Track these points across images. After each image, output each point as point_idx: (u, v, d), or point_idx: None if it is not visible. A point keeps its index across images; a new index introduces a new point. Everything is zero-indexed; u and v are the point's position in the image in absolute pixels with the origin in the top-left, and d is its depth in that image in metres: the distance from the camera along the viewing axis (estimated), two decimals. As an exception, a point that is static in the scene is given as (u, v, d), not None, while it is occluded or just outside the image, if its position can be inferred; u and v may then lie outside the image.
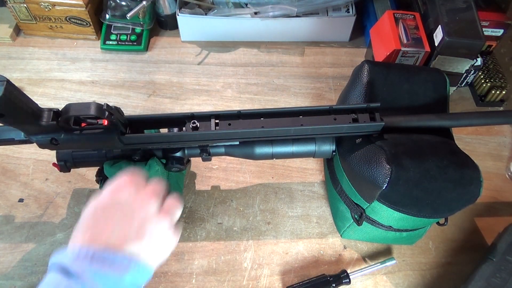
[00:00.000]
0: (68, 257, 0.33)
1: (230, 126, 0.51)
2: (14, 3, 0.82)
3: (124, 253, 0.33)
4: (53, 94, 0.80)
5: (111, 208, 0.36)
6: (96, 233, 0.34)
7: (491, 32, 0.82)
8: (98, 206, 0.37)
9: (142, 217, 0.36)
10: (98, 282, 0.31)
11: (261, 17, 0.86)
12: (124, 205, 0.36)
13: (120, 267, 0.32)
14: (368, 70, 0.59)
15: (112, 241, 0.33)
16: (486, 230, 0.68)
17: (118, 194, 0.37)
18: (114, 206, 0.36)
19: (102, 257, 0.32)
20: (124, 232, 0.34)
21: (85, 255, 0.32)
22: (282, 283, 0.62)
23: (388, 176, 0.49)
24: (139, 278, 0.34)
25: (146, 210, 0.36)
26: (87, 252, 0.32)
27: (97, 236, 0.34)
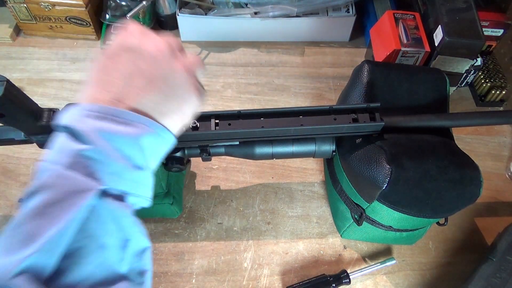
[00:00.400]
0: (75, 116, 0.27)
1: (230, 126, 0.51)
2: (14, 3, 0.82)
3: (138, 109, 0.28)
4: (53, 94, 0.80)
5: (119, 56, 0.30)
6: (105, 87, 0.29)
7: (491, 32, 0.82)
8: (106, 54, 0.31)
9: (154, 64, 0.29)
10: (112, 143, 0.26)
11: (261, 17, 0.86)
12: (134, 52, 0.30)
13: (135, 126, 0.27)
14: (368, 70, 0.59)
15: (123, 96, 0.28)
16: (486, 230, 0.68)
17: (126, 40, 0.31)
18: (122, 53, 0.30)
19: (114, 114, 0.27)
20: (136, 84, 0.28)
21: (94, 113, 0.27)
22: (282, 283, 0.62)
23: (388, 176, 0.49)
24: (158, 140, 0.29)
25: (159, 56, 0.30)
26: (96, 109, 0.27)
27: (106, 90, 0.28)
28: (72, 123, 0.27)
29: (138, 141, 0.27)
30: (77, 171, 0.25)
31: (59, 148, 0.27)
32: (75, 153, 0.26)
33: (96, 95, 0.28)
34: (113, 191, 0.27)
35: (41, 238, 0.23)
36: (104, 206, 0.26)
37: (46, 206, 0.24)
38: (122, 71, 0.28)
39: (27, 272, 0.22)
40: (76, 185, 0.25)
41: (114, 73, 0.29)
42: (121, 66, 0.29)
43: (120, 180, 0.27)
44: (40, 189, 0.25)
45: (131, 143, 0.27)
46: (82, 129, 0.26)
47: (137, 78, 0.28)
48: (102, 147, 0.26)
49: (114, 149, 0.26)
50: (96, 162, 0.26)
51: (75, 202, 0.24)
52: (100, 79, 0.29)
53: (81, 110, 0.27)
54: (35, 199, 0.25)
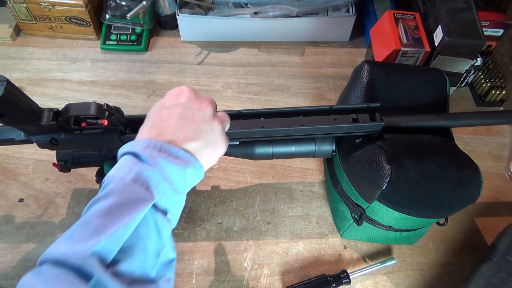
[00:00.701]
0: (139, 146, 0.35)
1: (230, 126, 0.51)
2: (14, 3, 0.82)
3: (186, 149, 0.37)
4: (53, 94, 0.80)
5: (174, 108, 0.39)
6: (162, 130, 0.37)
7: (491, 32, 0.82)
8: (163, 106, 0.40)
9: (200, 119, 0.38)
10: (165, 169, 0.34)
11: (261, 17, 0.86)
12: (185, 107, 0.39)
13: (183, 160, 0.36)
14: (368, 70, 0.59)
15: (175, 138, 0.36)
16: (486, 230, 0.68)
17: (179, 97, 0.40)
18: (176, 106, 0.39)
19: (169, 149, 0.35)
20: (185, 131, 0.37)
21: (154, 146, 0.35)
22: (282, 283, 0.62)
23: (388, 176, 0.49)
24: (195, 175, 0.37)
25: (204, 114, 0.39)
26: (156, 143, 0.35)
27: (163, 132, 0.37)
28: (137, 150, 0.35)
29: (184, 172, 0.35)
30: (138, 185, 0.33)
31: (125, 166, 0.35)
32: (138, 171, 0.33)
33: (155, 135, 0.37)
34: (160, 206, 0.34)
35: (109, 231, 0.30)
36: (153, 216, 0.33)
37: (113, 208, 0.31)
38: (176, 120, 0.37)
39: (97, 255, 0.29)
40: (137, 195, 0.32)
41: (170, 121, 0.37)
42: (175, 116, 0.38)
43: (166, 199, 0.34)
44: (107, 195, 0.32)
45: (179, 172, 0.35)
46: (145, 154, 0.34)
47: (187, 128, 0.37)
48: (159, 170, 0.34)
49: (166, 174, 0.34)
50: (152, 181, 0.33)
51: (135, 208, 0.31)
52: (159, 123, 0.38)
53: (144, 142, 0.36)
54: (104, 202, 0.32)
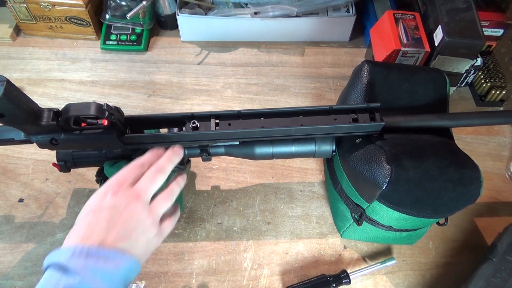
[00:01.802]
0: (64, 255, 0.34)
1: (230, 126, 0.51)
2: (14, 3, 0.82)
3: (116, 249, 0.36)
4: (53, 94, 0.80)
5: (100, 211, 0.39)
6: (89, 233, 0.36)
7: (491, 32, 0.82)
8: (88, 210, 0.40)
9: (127, 217, 0.38)
10: (95, 276, 0.33)
11: (261, 17, 0.86)
12: (111, 208, 0.39)
13: (114, 262, 0.35)
14: (368, 70, 0.59)
15: (104, 240, 0.36)
16: (486, 230, 0.68)
17: (104, 198, 0.40)
18: (102, 209, 0.39)
19: (97, 254, 0.34)
20: (114, 232, 0.37)
21: (80, 253, 0.34)
22: (282, 283, 0.62)
23: (388, 176, 0.49)
24: (131, 272, 0.37)
25: (131, 211, 0.39)
26: (82, 249, 0.34)
27: (90, 235, 0.36)
28: (62, 260, 0.34)
29: (118, 273, 0.35)
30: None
31: (49, 284, 0.33)
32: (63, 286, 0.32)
33: (82, 239, 0.36)
34: None
35: None
36: None
37: None
38: (104, 223, 0.37)
39: None
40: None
41: (97, 225, 0.37)
42: (102, 219, 0.37)
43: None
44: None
45: (111, 275, 0.34)
46: (71, 264, 0.33)
47: (115, 228, 0.37)
48: (88, 279, 0.32)
49: (96, 281, 0.33)
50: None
51: None
52: (85, 228, 0.37)
53: (69, 251, 0.34)
54: None
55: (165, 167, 0.44)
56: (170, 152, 0.46)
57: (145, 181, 0.42)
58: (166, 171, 0.44)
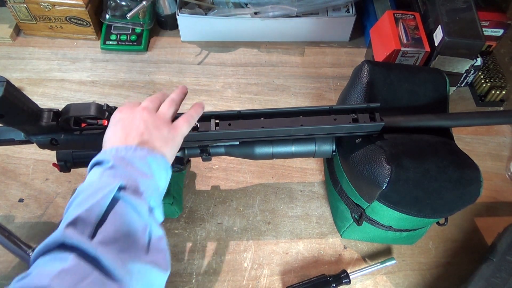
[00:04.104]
0: (95, 156, 0.40)
1: (230, 126, 0.51)
2: (14, 3, 0.82)
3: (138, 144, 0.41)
4: (53, 94, 0.80)
5: (114, 126, 0.43)
6: (116, 140, 0.41)
7: (491, 32, 0.82)
8: (112, 124, 0.44)
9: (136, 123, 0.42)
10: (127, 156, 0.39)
11: (261, 17, 0.86)
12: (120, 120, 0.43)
13: (138, 151, 0.40)
14: (368, 70, 0.59)
15: (127, 140, 0.41)
16: (486, 230, 0.68)
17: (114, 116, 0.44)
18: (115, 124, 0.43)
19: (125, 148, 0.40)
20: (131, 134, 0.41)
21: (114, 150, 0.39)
22: (282, 283, 0.62)
23: (388, 176, 0.49)
24: (156, 160, 0.40)
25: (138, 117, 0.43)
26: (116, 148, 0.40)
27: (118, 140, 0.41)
28: (100, 158, 0.39)
29: (145, 158, 0.39)
30: (104, 178, 0.37)
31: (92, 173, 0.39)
32: (102, 170, 0.38)
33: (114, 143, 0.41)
34: (128, 186, 0.36)
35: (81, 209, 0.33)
36: (123, 196, 0.36)
37: (85, 198, 0.35)
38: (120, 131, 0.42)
39: (72, 227, 0.32)
40: (104, 183, 0.36)
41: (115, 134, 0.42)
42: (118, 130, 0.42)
43: (133, 181, 0.37)
44: (80, 193, 0.36)
45: (137, 159, 0.39)
46: (106, 157, 0.39)
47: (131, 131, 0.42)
48: (119, 161, 0.38)
49: (127, 163, 0.38)
50: (115, 172, 0.37)
51: (103, 191, 0.35)
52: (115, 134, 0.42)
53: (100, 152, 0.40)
54: (77, 199, 0.35)
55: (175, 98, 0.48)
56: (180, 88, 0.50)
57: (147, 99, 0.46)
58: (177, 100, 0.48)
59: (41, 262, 0.31)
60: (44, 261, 0.31)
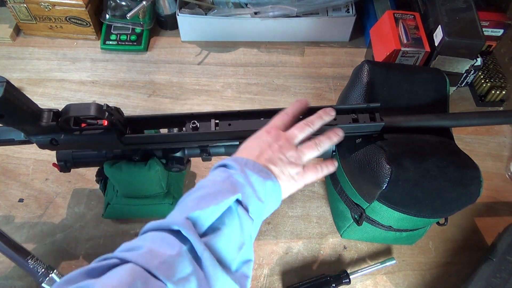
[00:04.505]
0: (228, 160, 0.42)
1: (230, 126, 0.51)
2: (14, 3, 0.82)
3: (267, 167, 0.42)
4: (53, 94, 0.80)
5: (254, 140, 0.45)
6: (247, 153, 0.44)
7: (491, 32, 0.82)
8: (246, 141, 0.46)
9: (275, 148, 0.44)
10: (250, 177, 0.40)
11: (261, 17, 0.86)
12: (263, 140, 0.45)
13: (264, 173, 0.41)
14: (368, 70, 0.59)
15: (258, 158, 0.43)
16: (486, 230, 0.68)
17: (259, 135, 0.46)
18: (255, 139, 0.45)
19: (253, 164, 0.41)
20: (265, 155, 0.43)
21: (241, 161, 0.42)
22: (282, 283, 0.62)
23: (388, 176, 0.49)
24: (274, 189, 0.42)
25: (280, 145, 0.44)
26: (242, 159, 0.42)
27: (249, 154, 0.43)
28: (227, 162, 0.42)
29: (265, 183, 0.41)
30: (226, 184, 0.39)
31: (216, 173, 0.41)
32: (227, 175, 0.40)
33: (243, 155, 0.43)
34: (244, 203, 0.38)
35: (201, 207, 0.35)
36: (237, 209, 0.38)
37: (204, 195, 0.37)
38: (260, 147, 0.44)
39: (192, 221, 0.34)
40: (225, 189, 0.38)
41: (256, 148, 0.44)
42: (256, 145, 0.45)
43: (249, 199, 0.39)
44: (200, 188, 0.39)
45: (260, 182, 0.40)
46: (234, 164, 0.41)
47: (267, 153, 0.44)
48: (245, 176, 0.40)
49: (250, 181, 0.40)
50: (238, 183, 0.39)
51: (223, 196, 0.37)
52: (244, 149, 0.45)
53: (233, 158, 0.43)
54: (197, 192, 0.38)
55: (314, 122, 0.48)
56: (322, 111, 0.49)
57: (294, 128, 0.47)
58: (315, 125, 0.48)
59: (150, 236, 0.34)
60: (154, 238, 0.33)
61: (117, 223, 0.66)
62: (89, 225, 0.65)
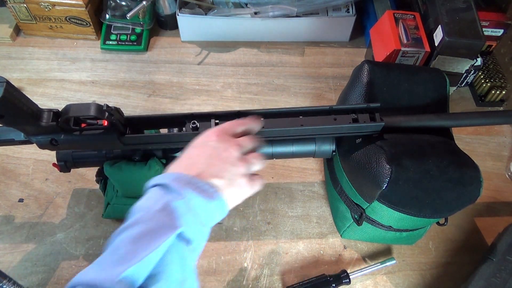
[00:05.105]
0: (168, 178, 0.38)
1: (230, 126, 0.51)
2: (14, 3, 0.82)
3: (210, 183, 0.39)
4: (53, 94, 0.80)
5: (203, 147, 0.42)
6: (190, 165, 0.40)
7: (491, 32, 0.82)
8: (193, 145, 0.43)
9: (225, 159, 0.41)
10: (191, 200, 0.36)
11: (261, 17, 0.86)
12: (213, 148, 0.42)
13: (208, 193, 0.38)
14: (368, 70, 0.59)
15: (201, 173, 0.39)
16: (486, 230, 0.68)
17: (209, 138, 0.43)
18: (205, 146, 0.42)
19: (196, 182, 0.38)
20: (211, 168, 0.40)
21: (181, 179, 0.38)
22: (282, 283, 0.62)
23: (388, 176, 0.49)
24: (219, 209, 0.39)
25: (229, 155, 0.42)
26: (184, 176, 0.38)
27: (191, 167, 0.40)
28: (166, 181, 0.37)
29: (209, 205, 0.37)
30: (165, 214, 0.35)
31: (153, 197, 0.37)
32: (166, 201, 0.36)
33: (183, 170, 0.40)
34: (185, 236, 0.35)
35: (137, 257, 0.31)
36: (178, 245, 0.34)
37: (141, 235, 0.33)
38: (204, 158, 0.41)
39: (125, 281, 0.30)
40: (164, 223, 0.34)
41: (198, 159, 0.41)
42: (203, 154, 0.41)
43: (191, 229, 0.35)
44: (135, 223, 0.34)
45: (204, 205, 0.37)
46: (173, 185, 0.37)
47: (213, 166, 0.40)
48: (185, 201, 0.36)
49: (192, 206, 0.36)
50: (178, 211, 0.35)
51: (162, 235, 0.33)
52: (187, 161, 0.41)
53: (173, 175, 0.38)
54: (132, 230, 0.34)
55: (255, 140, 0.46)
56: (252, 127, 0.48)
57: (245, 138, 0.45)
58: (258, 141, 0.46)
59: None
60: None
61: (117, 223, 0.66)
62: (89, 225, 0.65)
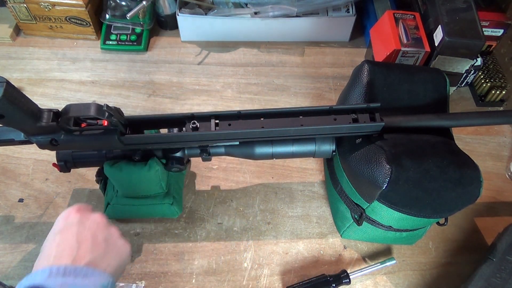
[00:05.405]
0: (40, 276, 0.35)
1: (230, 126, 0.51)
2: (14, 3, 0.82)
3: (88, 265, 0.37)
4: (53, 94, 0.80)
5: (66, 229, 0.41)
6: (60, 253, 0.38)
7: (491, 32, 0.82)
8: (55, 232, 0.41)
9: (94, 231, 0.40)
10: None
11: (261, 17, 0.86)
12: (77, 223, 0.41)
13: (90, 278, 0.36)
14: (368, 70, 0.59)
15: (76, 256, 0.38)
16: (486, 230, 0.68)
17: (68, 217, 0.42)
18: (68, 227, 0.41)
19: (74, 271, 0.36)
20: (83, 247, 0.39)
21: (57, 272, 0.35)
22: (282, 283, 0.62)
23: (388, 176, 0.49)
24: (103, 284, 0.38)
25: (98, 225, 0.41)
26: (58, 268, 0.35)
27: (61, 255, 0.38)
28: (40, 281, 0.34)
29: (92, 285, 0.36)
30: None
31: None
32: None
33: (54, 260, 0.37)
34: None
35: None
36: None
37: None
38: (73, 241, 0.39)
39: None
40: None
41: (66, 243, 0.38)
42: (70, 237, 0.39)
43: None
44: None
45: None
46: (50, 284, 0.34)
47: (84, 244, 0.39)
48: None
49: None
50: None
51: None
52: (56, 249, 0.38)
53: (45, 272, 0.35)
54: None
55: None
56: None
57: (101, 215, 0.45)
58: None
59: None
60: None
61: (117, 223, 0.66)
62: (89, 225, 0.65)
